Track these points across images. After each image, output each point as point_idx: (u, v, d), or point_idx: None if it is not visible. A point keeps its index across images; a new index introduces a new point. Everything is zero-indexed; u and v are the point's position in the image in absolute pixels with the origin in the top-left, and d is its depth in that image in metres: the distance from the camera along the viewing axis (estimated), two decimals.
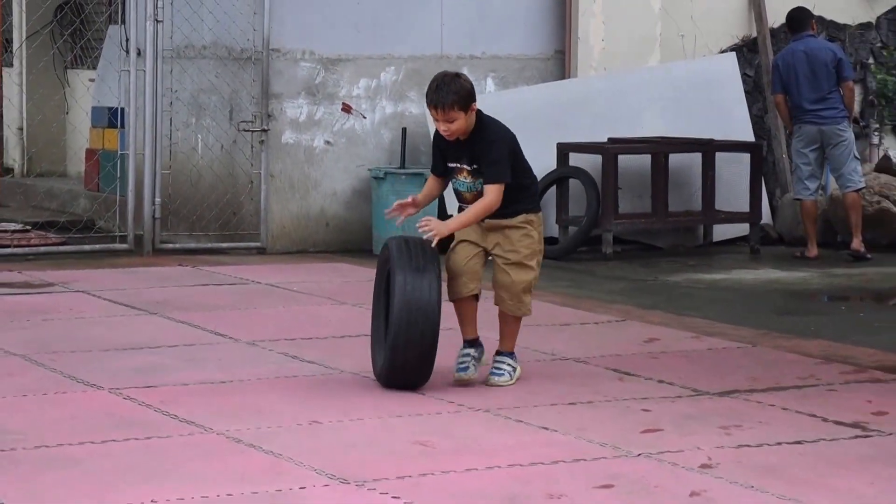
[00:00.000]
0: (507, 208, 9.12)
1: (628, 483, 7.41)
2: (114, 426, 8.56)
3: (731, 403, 9.37)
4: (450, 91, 8.92)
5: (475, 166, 9.10)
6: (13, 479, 7.43)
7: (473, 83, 16.29)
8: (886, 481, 7.60)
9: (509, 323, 9.45)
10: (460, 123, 8.98)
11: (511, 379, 9.36)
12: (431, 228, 8.99)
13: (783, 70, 16.06)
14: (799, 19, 16.43)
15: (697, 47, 17.62)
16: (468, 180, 9.19)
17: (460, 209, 9.44)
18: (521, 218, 9.22)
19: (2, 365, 10.21)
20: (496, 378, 9.35)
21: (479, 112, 9.17)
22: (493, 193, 9.00)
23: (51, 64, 21.26)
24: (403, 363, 9.11)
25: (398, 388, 9.14)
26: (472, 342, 9.49)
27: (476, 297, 9.38)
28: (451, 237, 9.35)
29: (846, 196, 16.06)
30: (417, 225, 9.16)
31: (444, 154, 9.33)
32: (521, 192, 9.24)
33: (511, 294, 9.26)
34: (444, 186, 9.67)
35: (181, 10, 16.09)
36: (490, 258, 9.42)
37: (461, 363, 9.39)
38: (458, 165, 9.21)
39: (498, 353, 9.49)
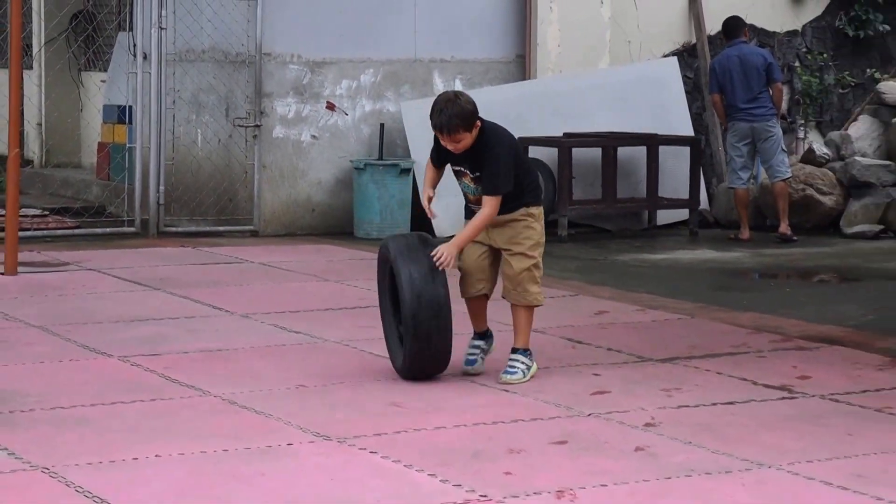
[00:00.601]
0: (509, 204, 8.45)
1: (580, 440, 7.44)
2: (122, 390, 8.56)
3: (671, 369, 9.39)
4: (453, 115, 8.23)
5: (477, 174, 8.42)
6: (32, 437, 7.45)
7: (443, 84, 16.52)
8: (810, 438, 7.63)
9: (518, 315, 8.63)
10: (467, 142, 8.32)
11: (524, 377, 8.52)
12: (443, 257, 8.23)
13: (719, 72, 16.11)
14: (733, 27, 16.48)
15: (643, 52, 17.62)
16: (472, 185, 8.50)
17: (466, 208, 8.75)
18: (521, 211, 8.50)
19: (22, 335, 10.19)
20: (508, 377, 8.50)
21: (481, 120, 8.46)
22: (490, 206, 8.33)
23: (66, 67, 21.19)
24: (423, 354, 8.38)
25: (419, 380, 8.48)
26: (482, 334, 8.82)
27: (486, 296, 8.72)
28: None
29: (775, 185, 16.12)
30: (435, 260, 8.29)
31: (448, 157, 8.58)
32: (523, 189, 8.52)
33: (514, 283, 8.53)
34: (442, 173, 8.87)
35: (183, 18, 16.06)
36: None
37: (470, 355, 8.78)
38: (462, 170, 8.54)
39: (513, 350, 8.63)
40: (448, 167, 8.82)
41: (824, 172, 17.00)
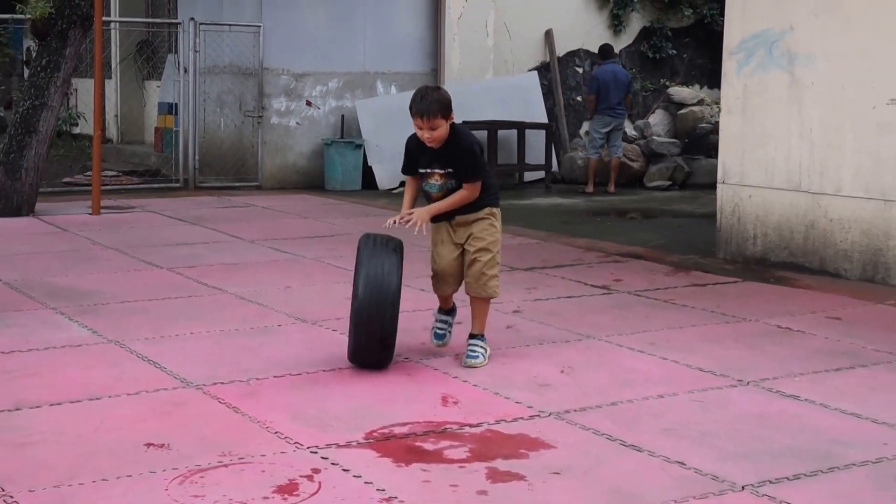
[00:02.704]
0: (474, 204, 6.47)
1: (469, 321, 7.45)
2: (169, 289, 8.53)
3: (531, 275, 9.39)
4: (433, 101, 6.26)
5: (450, 169, 6.37)
6: (108, 321, 7.41)
7: (383, 90, 16.42)
8: (619, 319, 7.72)
9: (478, 305, 6.67)
10: (442, 130, 6.28)
11: (484, 360, 6.56)
12: (414, 219, 6.30)
13: (600, 81, 15.94)
14: (609, 51, 16.34)
15: (515, 68, 17.55)
16: (439, 182, 6.40)
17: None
18: (486, 211, 6.50)
19: (103, 254, 10.10)
20: (472, 360, 6.51)
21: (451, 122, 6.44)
22: (470, 189, 6.37)
23: (134, 77, 21.04)
24: (366, 343, 6.21)
25: (362, 367, 6.35)
26: (449, 310, 6.80)
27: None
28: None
29: (613, 159, 16.11)
30: (400, 219, 6.37)
31: (417, 160, 6.48)
32: (486, 191, 6.47)
33: (477, 278, 6.50)
34: (418, 188, 6.76)
35: (211, 44, 15.90)
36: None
37: (439, 330, 6.76)
38: (430, 170, 6.41)
39: (471, 335, 6.69)
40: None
41: (633, 147, 17.05)
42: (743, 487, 4.64)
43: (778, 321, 7.74)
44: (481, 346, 6.63)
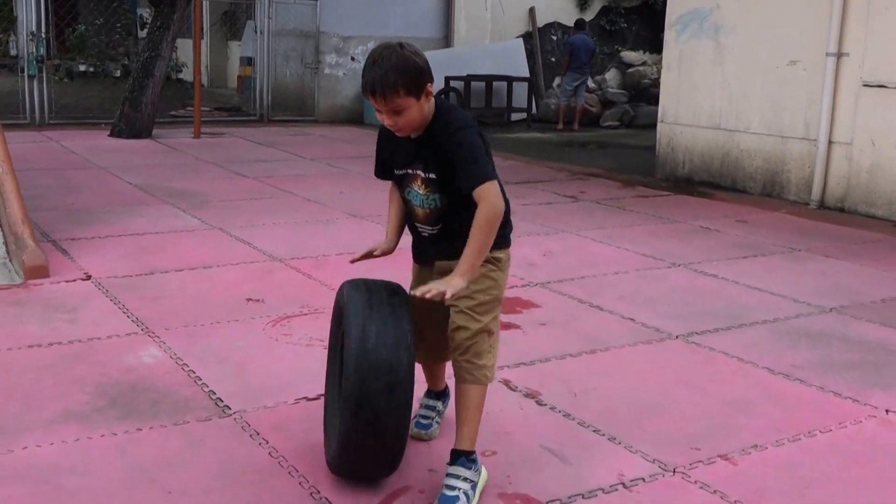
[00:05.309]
0: (465, 243, 2.76)
1: None
2: (254, 193, 8.54)
3: (520, 188, 9.38)
4: (390, 69, 2.64)
5: (432, 175, 2.85)
6: (209, 214, 7.43)
7: None
8: (586, 219, 7.73)
9: (465, 396, 2.92)
10: (411, 114, 2.72)
11: (469, 501, 2.84)
12: (440, 293, 2.69)
13: (574, 46, 15.71)
14: (581, 24, 16.16)
15: (505, 35, 17.38)
16: (422, 192, 2.90)
17: (415, 243, 3.15)
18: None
19: (205, 167, 10.08)
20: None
21: (436, 98, 2.81)
22: (489, 198, 2.73)
23: (221, 38, 20.84)
24: (361, 446, 2.76)
25: (355, 480, 2.96)
26: (438, 393, 3.42)
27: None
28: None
29: (578, 104, 15.99)
30: (420, 294, 2.71)
31: (392, 157, 2.97)
32: None
33: (461, 350, 2.90)
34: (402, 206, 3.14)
35: (280, 13, 15.73)
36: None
37: (423, 419, 3.35)
38: (410, 171, 2.91)
39: (453, 455, 2.92)
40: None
41: (592, 96, 16.91)
42: (677, 336, 4.76)
43: (700, 223, 7.81)
44: (465, 479, 2.93)
